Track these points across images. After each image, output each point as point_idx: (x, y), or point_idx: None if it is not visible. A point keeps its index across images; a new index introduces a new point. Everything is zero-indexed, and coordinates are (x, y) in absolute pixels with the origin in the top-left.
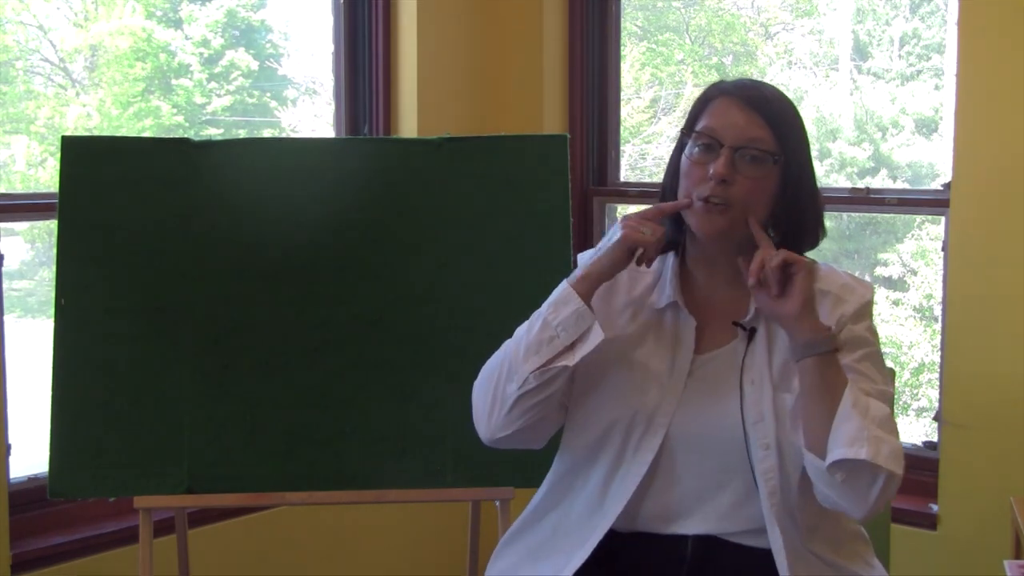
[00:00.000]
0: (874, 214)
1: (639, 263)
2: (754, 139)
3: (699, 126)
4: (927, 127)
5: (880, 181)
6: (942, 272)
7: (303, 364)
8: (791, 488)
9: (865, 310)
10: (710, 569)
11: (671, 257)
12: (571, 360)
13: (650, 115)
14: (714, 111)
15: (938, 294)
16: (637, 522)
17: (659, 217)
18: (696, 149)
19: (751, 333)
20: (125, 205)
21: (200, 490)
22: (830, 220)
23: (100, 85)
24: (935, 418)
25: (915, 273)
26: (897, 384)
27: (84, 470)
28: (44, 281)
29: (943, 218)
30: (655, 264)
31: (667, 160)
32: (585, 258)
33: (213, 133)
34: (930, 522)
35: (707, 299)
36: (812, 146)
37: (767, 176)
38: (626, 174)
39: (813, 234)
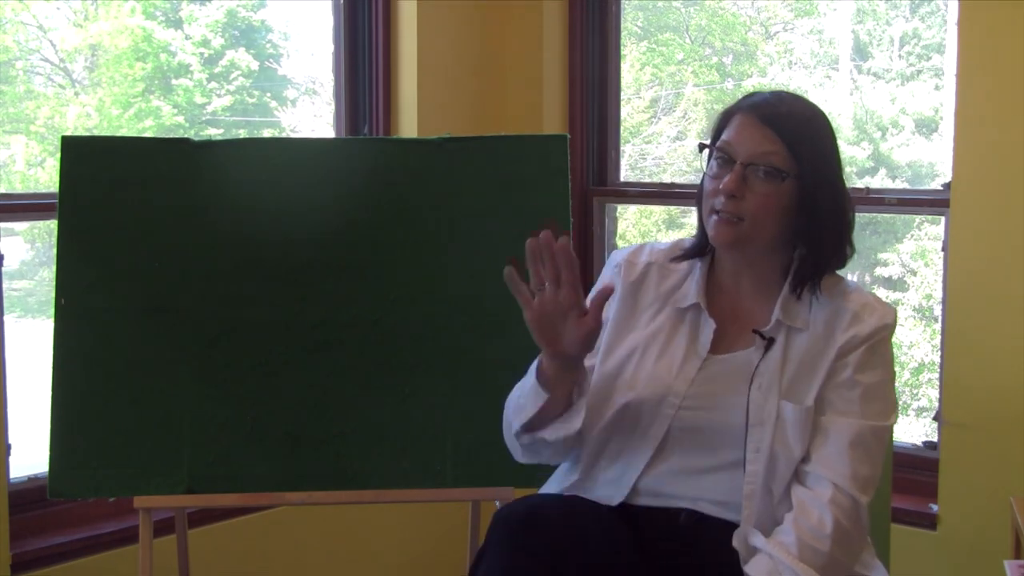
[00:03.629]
0: (874, 214)
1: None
2: (765, 155)
3: (719, 141)
4: (927, 127)
5: (880, 181)
6: (942, 272)
7: (303, 364)
8: (773, 497)
9: (881, 333)
10: (702, 542)
11: (700, 260)
12: (550, 436)
13: (650, 115)
14: (733, 127)
15: (938, 294)
16: (638, 498)
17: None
18: (714, 163)
19: (769, 343)
20: (125, 205)
21: (200, 490)
22: None
23: (100, 85)
24: (935, 418)
25: (915, 273)
26: (897, 384)
27: (84, 470)
28: (44, 281)
29: (943, 218)
30: (684, 265)
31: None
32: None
33: (213, 133)
34: (930, 522)
35: (731, 304)
36: None
37: (778, 192)
38: (626, 174)
39: (836, 253)
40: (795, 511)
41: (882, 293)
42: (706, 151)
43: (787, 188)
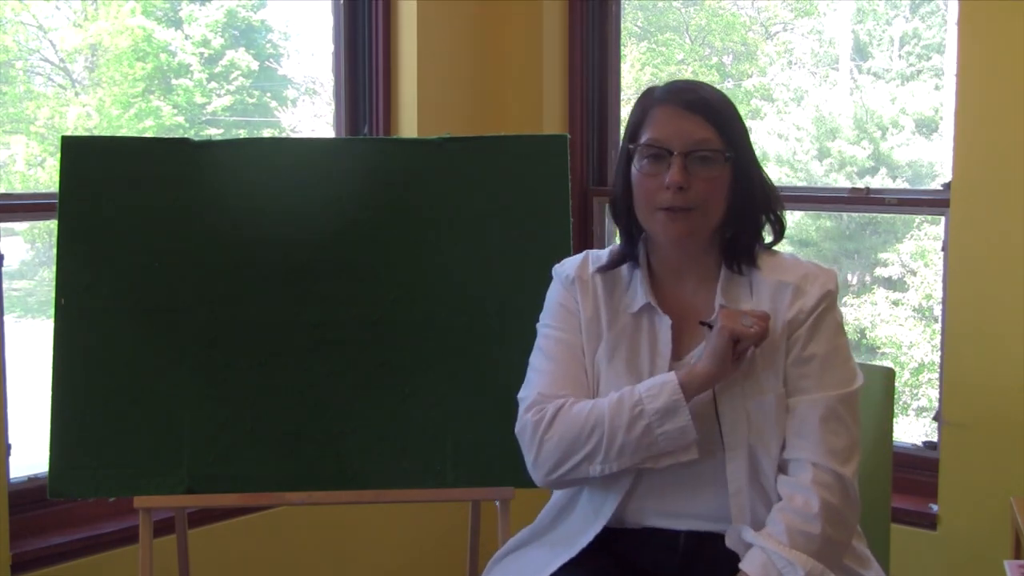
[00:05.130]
0: (874, 214)
1: (738, 357)
2: (701, 141)
3: (644, 138)
4: (927, 127)
5: (880, 180)
6: (942, 272)
7: (303, 364)
8: (763, 490)
9: (826, 299)
10: (703, 560)
11: (637, 265)
12: (656, 465)
13: None
14: (656, 120)
15: (938, 294)
16: (627, 520)
17: (765, 320)
18: (646, 161)
19: None
20: (125, 205)
21: (200, 490)
22: (830, 220)
23: (100, 85)
24: (935, 418)
25: (915, 273)
26: (897, 384)
27: (84, 470)
28: (44, 281)
29: (943, 218)
30: (624, 271)
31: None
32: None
33: (213, 133)
34: (930, 522)
35: (678, 303)
36: (812, 145)
37: (720, 175)
38: None
39: (774, 226)
40: (782, 500)
41: (882, 293)
42: (623, 154)
43: (726, 169)
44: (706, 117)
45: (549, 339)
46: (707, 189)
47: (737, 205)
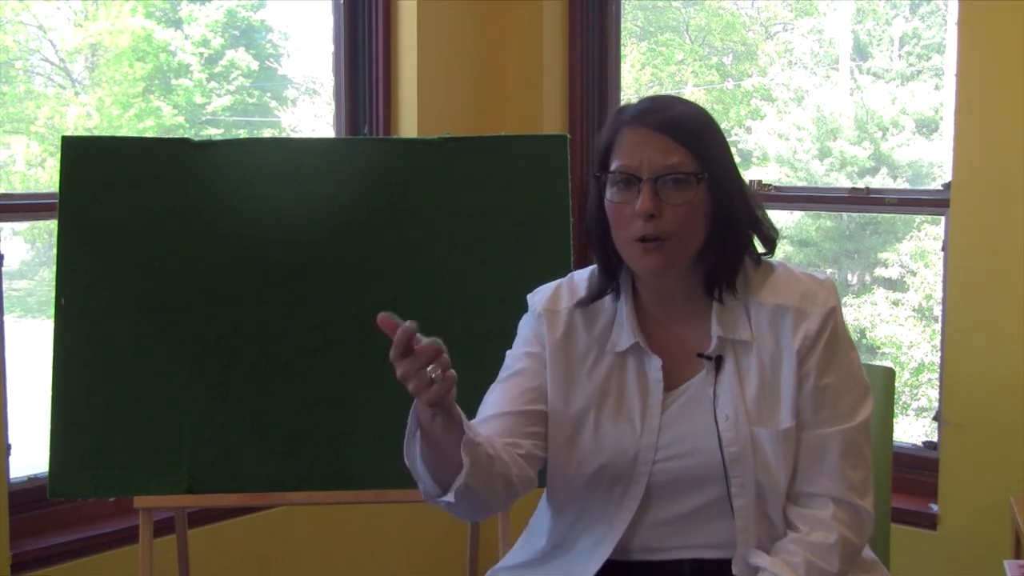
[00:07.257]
0: (874, 214)
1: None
2: (671, 165)
3: (612, 165)
4: (927, 127)
5: (880, 180)
6: (942, 272)
7: (303, 364)
8: (770, 522)
9: (831, 321)
10: None
11: (622, 296)
12: (448, 498)
13: None
14: (623, 145)
15: (938, 294)
16: (631, 554)
17: (430, 354)
18: (615, 189)
19: (718, 362)
20: (125, 205)
21: (200, 490)
22: (830, 220)
23: (100, 85)
24: (935, 418)
25: (915, 273)
26: (897, 384)
27: (84, 470)
28: (44, 281)
29: (943, 218)
30: (607, 303)
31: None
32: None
33: (213, 133)
34: (930, 522)
35: (668, 334)
36: (813, 145)
37: (695, 198)
38: None
39: (764, 240)
40: (800, 532)
41: (882, 293)
42: (596, 181)
43: (701, 191)
44: (676, 138)
45: (508, 361)
46: (680, 216)
47: (718, 228)
